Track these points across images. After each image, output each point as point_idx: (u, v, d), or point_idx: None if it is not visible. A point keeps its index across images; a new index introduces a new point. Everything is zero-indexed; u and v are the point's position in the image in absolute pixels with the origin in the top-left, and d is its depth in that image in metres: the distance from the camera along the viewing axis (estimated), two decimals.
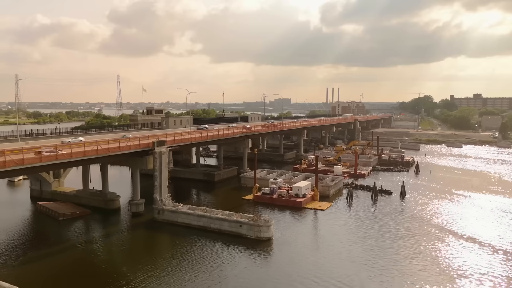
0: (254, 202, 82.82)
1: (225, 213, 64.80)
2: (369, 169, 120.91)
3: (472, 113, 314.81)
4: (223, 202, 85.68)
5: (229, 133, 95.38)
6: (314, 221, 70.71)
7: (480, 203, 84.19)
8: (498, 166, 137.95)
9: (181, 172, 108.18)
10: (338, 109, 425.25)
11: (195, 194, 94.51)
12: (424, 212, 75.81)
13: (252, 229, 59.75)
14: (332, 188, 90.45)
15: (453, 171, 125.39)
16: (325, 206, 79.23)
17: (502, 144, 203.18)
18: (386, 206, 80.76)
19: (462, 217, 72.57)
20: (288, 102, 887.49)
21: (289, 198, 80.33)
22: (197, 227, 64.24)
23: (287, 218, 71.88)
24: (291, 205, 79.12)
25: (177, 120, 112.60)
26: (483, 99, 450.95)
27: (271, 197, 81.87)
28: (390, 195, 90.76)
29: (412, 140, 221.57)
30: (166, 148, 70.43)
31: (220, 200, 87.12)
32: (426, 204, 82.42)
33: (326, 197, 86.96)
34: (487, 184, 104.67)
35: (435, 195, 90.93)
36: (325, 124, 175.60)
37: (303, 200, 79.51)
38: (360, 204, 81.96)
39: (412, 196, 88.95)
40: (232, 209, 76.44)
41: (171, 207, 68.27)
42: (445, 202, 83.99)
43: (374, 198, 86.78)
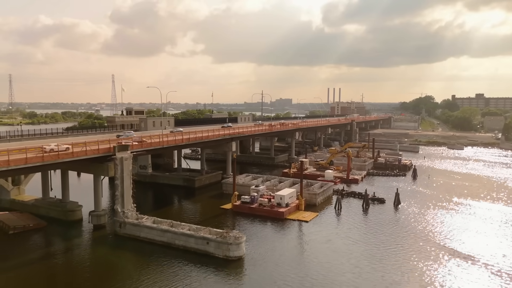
0: (233, 212, 75.42)
1: (192, 227, 57.41)
2: (363, 174, 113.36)
3: (474, 114, 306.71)
4: (198, 212, 78.39)
5: (208, 135, 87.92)
6: (295, 236, 63.19)
7: (481, 213, 76.53)
8: (501, 169, 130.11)
9: (160, 177, 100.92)
10: (337, 109, 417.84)
11: (170, 202, 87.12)
12: (419, 225, 68.17)
13: (220, 247, 52.35)
14: (320, 196, 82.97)
15: (453, 176, 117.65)
16: (310, 216, 71.73)
17: (505, 146, 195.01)
18: (378, 216, 73.19)
19: (461, 231, 64.89)
20: (289, 102, 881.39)
21: (270, 208, 72.87)
22: (161, 243, 56.85)
23: (266, 231, 64.39)
24: (272, 215, 71.65)
25: (157, 122, 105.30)
26: (486, 99, 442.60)
27: (251, 207, 74.44)
28: (383, 203, 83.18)
29: (411, 142, 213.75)
30: (129, 154, 63.05)
31: (196, 210, 79.79)
32: (422, 214, 74.80)
33: (313, 206, 79.56)
34: (489, 190, 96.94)
35: (432, 203, 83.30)
36: (319, 125, 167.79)
37: (285, 210, 72.03)
38: (349, 215, 74.40)
39: (407, 205, 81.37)
40: (207, 221, 69.49)
41: (134, 219, 60.91)
42: (443, 212, 76.33)
43: (365, 207, 79.31)
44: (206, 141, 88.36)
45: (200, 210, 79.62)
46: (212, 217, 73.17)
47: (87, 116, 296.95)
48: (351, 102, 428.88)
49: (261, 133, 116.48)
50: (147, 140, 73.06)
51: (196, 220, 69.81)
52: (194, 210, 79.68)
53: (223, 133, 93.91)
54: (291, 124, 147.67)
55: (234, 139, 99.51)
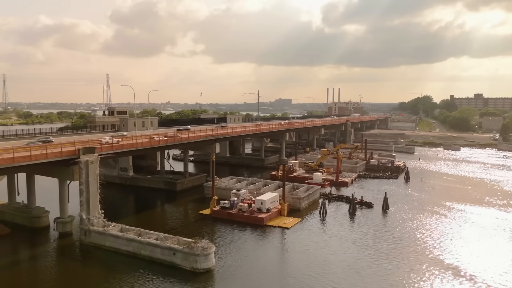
0: (212, 218, 71.47)
1: (160, 236, 53.45)
2: (354, 176, 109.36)
3: (472, 114, 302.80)
4: (175, 217, 74.36)
5: (189, 136, 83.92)
6: (272, 244, 59.15)
7: (473, 219, 72.53)
8: (498, 172, 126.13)
9: (141, 180, 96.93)
10: (334, 109, 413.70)
11: (148, 206, 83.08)
12: (408, 233, 64.13)
13: (187, 258, 48.40)
14: (305, 200, 79.00)
15: (448, 178, 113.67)
16: (292, 223, 67.76)
17: (503, 147, 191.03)
18: (364, 222, 69.22)
19: (450, 240, 60.85)
20: (289, 102, 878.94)
21: (250, 214, 68.89)
22: (127, 253, 52.92)
23: (243, 239, 60.38)
24: (252, 222, 67.69)
25: (138, 122, 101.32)
26: (484, 99, 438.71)
27: (230, 212, 70.45)
28: (371, 208, 79.20)
29: (407, 143, 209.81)
30: (96, 156, 59.07)
31: (173, 215, 75.74)
32: (411, 220, 70.78)
33: (297, 211, 75.67)
34: (483, 194, 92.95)
35: (423, 208, 79.31)
36: (311, 126, 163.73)
37: (266, 216, 68.05)
38: (333, 221, 70.43)
39: (397, 210, 77.38)
40: (182, 227, 65.78)
41: (101, 227, 56.94)
42: (432, 218, 72.29)
43: (351, 212, 75.36)
44: (186, 142, 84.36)
45: (177, 215, 75.60)
46: (188, 223, 69.32)
47: (79, 117, 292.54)
48: (348, 102, 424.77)
49: (247, 134, 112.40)
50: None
51: (171, 227, 66.03)
52: (171, 215, 75.67)
53: (205, 134, 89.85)
54: (283, 124, 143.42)
55: (218, 140, 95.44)
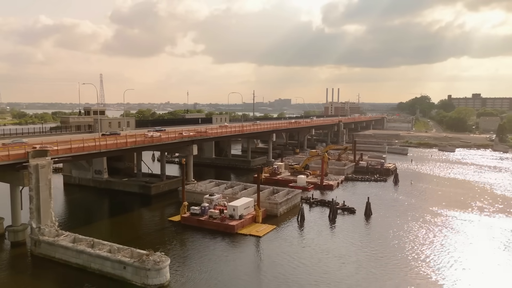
0: (181, 225, 67.00)
1: (113, 247, 48.95)
2: (341, 179, 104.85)
3: (469, 114, 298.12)
4: (142, 224, 69.82)
5: (161, 138, 79.39)
6: (239, 255, 54.61)
7: (461, 227, 68.02)
8: (491, 174, 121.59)
9: (115, 183, 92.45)
10: (331, 109, 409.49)
11: (117, 212, 78.51)
12: (389, 243, 59.56)
13: (137, 272, 43.94)
14: (283, 205, 74.53)
15: (438, 181, 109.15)
16: (265, 230, 63.28)
17: (499, 148, 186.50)
18: (343, 230, 64.75)
19: (440, 253, 56.00)
20: (288, 102, 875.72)
21: (220, 221, 64.41)
22: (77, 266, 48.44)
23: (209, 250, 55.82)
24: (222, 229, 63.22)
25: (114, 122, 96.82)
26: (482, 99, 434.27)
27: (200, 219, 65.95)
28: (353, 213, 74.77)
29: (402, 143, 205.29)
30: (48, 160, 54.57)
31: (140, 222, 71.18)
32: (394, 228, 66.25)
33: (274, 217, 71.24)
34: (474, 198, 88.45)
35: (408, 214, 74.81)
36: (301, 126, 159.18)
37: (237, 223, 63.58)
38: (310, 228, 65.92)
39: (380, 216, 72.88)
40: (146, 236, 61.37)
41: (52, 237, 52.46)
42: (417, 226, 67.73)
43: (331, 218, 70.91)
44: (159, 144, 79.89)
45: (145, 222, 71.06)
46: (154, 231, 64.74)
47: None
48: (345, 102, 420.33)
49: (229, 135, 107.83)
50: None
51: (135, 235, 61.63)
52: (139, 222, 71.13)
53: (180, 135, 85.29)
54: (270, 124, 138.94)
55: (195, 141, 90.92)
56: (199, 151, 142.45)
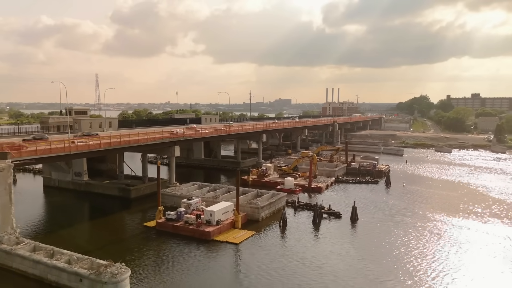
0: (156, 231, 63.68)
1: (73, 257, 45.56)
2: (330, 181, 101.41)
3: (468, 114, 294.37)
4: (115, 230, 66.40)
5: (140, 139, 76.00)
6: (213, 265, 51.12)
7: (452, 233, 64.56)
8: (487, 176, 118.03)
9: (95, 186, 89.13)
10: (328, 109, 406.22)
11: (92, 217, 75.36)
12: (373, 252, 56.09)
13: (94, 286, 40.60)
14: (265, 210, 71.14)
15: (432, 183, 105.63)
16: (243, 237, 59.90)
17: (497, 148, 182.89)
18: (326, 237, 61.38)
19: (428, 263, 52.60)
20: (288, 102, 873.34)
21: (196, 227, 61.05)
22: (33, 277, 45.15)
23: (181, 258, 52.44)
24: (198, 236, 59.90)
25: (95, 123, 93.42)
26: (482, 99, 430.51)
27: (175, 225, 62.59)
28: (339, 218, 71.37)
29: (398, 144, 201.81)
30: (8, 163, 51.27)
31: (114, 228, 67.67)
32: (380, 235, 62.80)
33: (256, 222, 67.90)
34: (468, 202, 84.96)
35: (397, 219, 71.36)
36: (293, 127, 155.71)
37: (214, 229, 60.22)
38: (292, 234, 62.53)
39: (366, 221, 69.47)
40: (116, 244, 58.10)
41: (12, 245, 49.12)
42: (405, 232, 64.20)
43: (315, 224, 67.54)
44: (137, 145, 76.54)
45: (119, 227, 67.66)
46: (126, 238, 61.49)
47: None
48: (343, 102, 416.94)
49: (214, 136, 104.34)
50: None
51: (104, 243, 58.40)
52: (112, 227, 67.64)
53: (160, 136, 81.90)
54: (259, 125, 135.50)
55: (178, 142, 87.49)
56: (188, 152, 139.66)
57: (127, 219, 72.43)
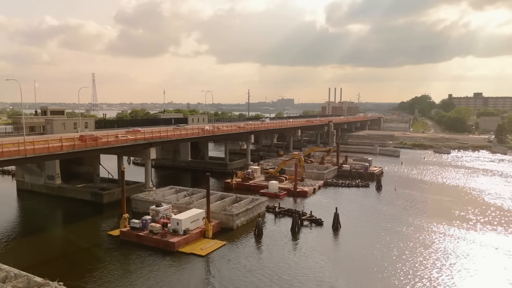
0: (120, 241, 59.00)
1: (10, 273, 40.83)
2: (318, 185, 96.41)
3: (469, 114, 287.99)
4: (76, 239, 61.42)
5: (109, 141, 71.30)
6: (170, 281, 46.28)
7: (442, 244, 59.44)
8: (484, 178, 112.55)
9: (67, 190, 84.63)
10: (328, 109, 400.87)
11: (57, 224, 70.67)
12: (351, 266, 51.26)
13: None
14: (241, 217, 66.26)
15: (426, 187, 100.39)
16: (211, 248, 55.09)
17: (497, 149, 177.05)
18: (303, 248, 56.48)
19: (412, 282, 47.88)
20: (291, 102, 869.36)
21: (161, 237, 56.28)
22: None
23: (137, 273, 47.62)
24: (162, 246, 55.19)
25: (68, 123, 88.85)
26: (484, 98, 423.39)
27: (139, 234, 57.84)
28: (320, 226, 66.44)
29: (396, 144, 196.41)
30: None
31: (75, 236, 62.69)
32: (362, 245, 57.83)
33: (230, 231, 63.10)
34: (462, 208, 79.74)
35: (384, 227, 66.32)
36: (285, 127, 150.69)
37: (180, 239, 55.48)
38: (266, 245, 57.64)
39: (349, 229, 64.48)
40: (71, 255, 53.55)
41: None
42: (390, 243, 59.16)
43: (293, 232, 62.64)
44: (108, 147, 71.87)
45: (81, 236, 62.63)
46: (85, 248, 56.58)
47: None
48: (343, 102, 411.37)
49: (196, 137, 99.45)
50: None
51: (59, 254, 53.88)
52: (74, 236, 62.69)
53: (133, 138, 77.17)
54: (248, 125, 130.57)
55: (153, 144, 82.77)
56: (175, 154, 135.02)
57: (94, 227, 67.67)
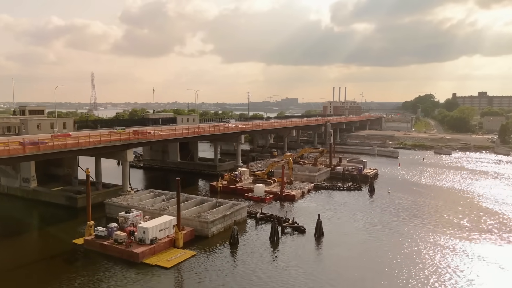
0: (84, 250, 55.02)
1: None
2: (308, 188, 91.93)
3: (472, 114, 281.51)
4: (37, 249, 57.78)
5: (79, 142, 67.31)
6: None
7: (435, 259, 54.81)
8: (484, 182, 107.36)
9: (42, 193, 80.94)
10: (329, 109, 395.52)
11: (24, 230, 66.50)
12: (328, 281, 46.90)
13: None
14: (217, 224, 61.97)
15: (421, 190, 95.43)
16: (178, 259, 50.88)
17: (500, 150, 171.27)
18: (279, 259, 52.19)
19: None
20: (295, 101, 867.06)
21: (125, 247, 52.15)
22: None
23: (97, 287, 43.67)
24: (126, 257, 51.08)
25: (44, 124, 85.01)
26: (489, 97, 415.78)
27: (103, 243, 53.77)
28: (302, 234, 62.06)
29: (396, 145, 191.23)
30: None
31: (39, 245, 59.06)
32: (344, 256, 53.47)
33: (204, 239, 58.93)
34: (455, 213, 74.99)
35: (370, 236, 61.82)
36: (279, 127, 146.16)
37: (145, 249, 51.33)
38: (240, 255, 53.43)
39: (332, 238, 60.03)
40: (27, 267, 49.57)
41: None
42: (380, 258, 54.62)
43: (272, 241, 58.33)
44: (79, 149, 67.90)
45: (45, 245, 58.86)
46: (46, 258, 52.68)
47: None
48: (344, 101, 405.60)
49: (178, 138, 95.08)
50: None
51: (16, 265, 49.84)
52: (38, 245, 59.06)
53: (107, 139, 73.12)
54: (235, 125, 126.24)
55: (130, 146, 78.69)
56: (163, 155, 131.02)
57: (62, 234, 63.33)
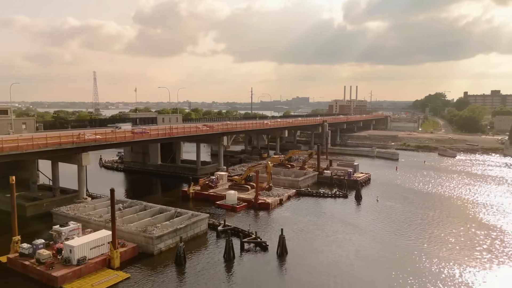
0: (6, 270, 48.03)
1: None
2: (288, 194, 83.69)
3: (483, 113, 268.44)
4: None
5: (18, 146, 60.31)
6: None
7: (421, 283, 46.31)
8: (486, 188, 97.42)
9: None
10: (335, 108, 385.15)
11: None
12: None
13: None
14: (166, 239, 54.29)
15: (414, 198, 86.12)
16: (104, 284, 43.34)
17: (510, 152, 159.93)
18: (228, 284, 44.26)
19: None
20: (306, 101, 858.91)
21: (45, 268, 44.83)
22: None
23: None
24: (45, 281, 43.82)
25: (1, 123, 78.60)
26: (502, 96, 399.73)
27: (25, 263, 46.60)
28: (264, 251, 54.06)
29: (398, 146, 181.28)
30: None
31: None
32: (308, 282, 45.31)
33: (149, 257, 51.41)
34: (448, 227, 66.03)
35: (345, 257, 53.43)
36: (270, 127, 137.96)
37: (66, 272, 43.92)
38: (185, 279, 45.69)
39: (296, 257, 51.95)
40: None
41: None
42: (349, 285, 46.41)
43: (226, 259, 50.50)
44: (26, 152, 61.05)
45: None
46: None
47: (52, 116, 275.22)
48: (351, 100, 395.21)
49: (149, 139, 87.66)
50: None
51: None
52: None
53: (57, 142, 66.00)
54: (221, 126, 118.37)
55: (87, 149, 71.44)
56: (144, 156, 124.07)
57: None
